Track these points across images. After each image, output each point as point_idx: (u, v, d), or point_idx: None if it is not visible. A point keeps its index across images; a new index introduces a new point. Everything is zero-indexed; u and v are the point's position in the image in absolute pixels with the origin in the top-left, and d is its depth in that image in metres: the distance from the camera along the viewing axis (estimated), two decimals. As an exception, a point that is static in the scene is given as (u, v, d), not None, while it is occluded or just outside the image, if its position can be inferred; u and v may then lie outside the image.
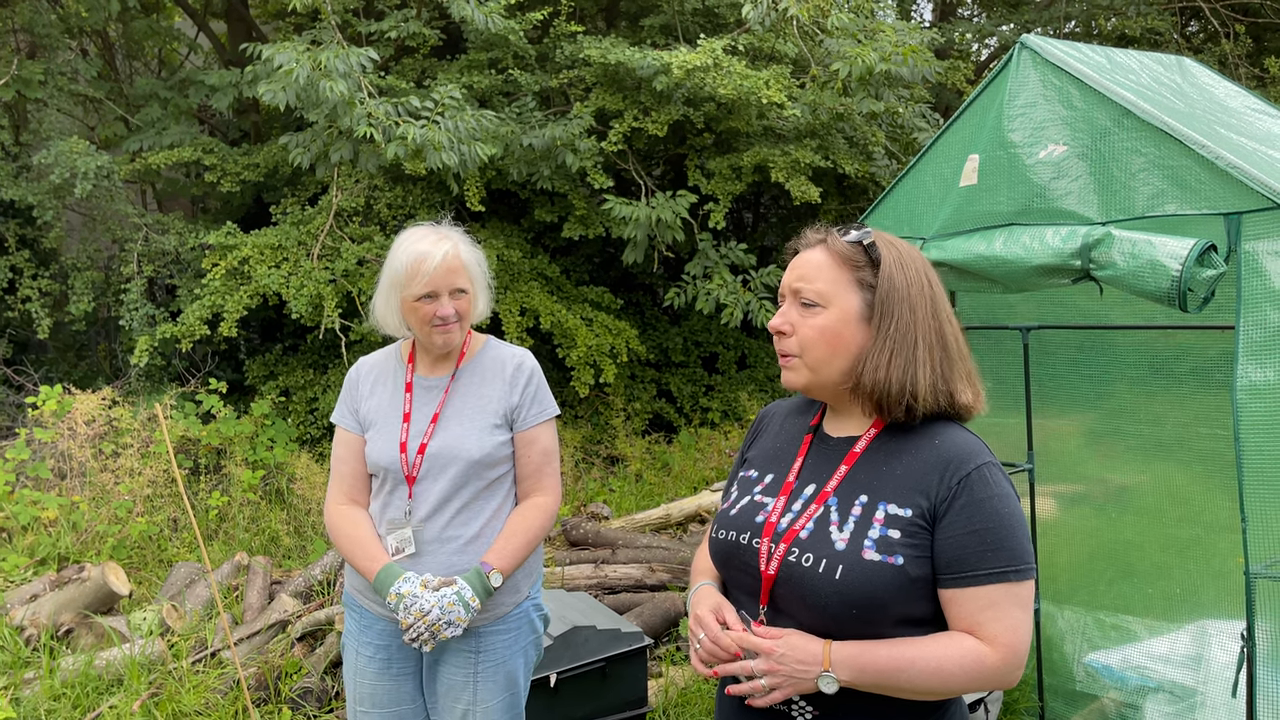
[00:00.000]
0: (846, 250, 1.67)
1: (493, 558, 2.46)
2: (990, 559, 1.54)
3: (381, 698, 2.57)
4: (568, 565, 5.40)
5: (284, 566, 5.88)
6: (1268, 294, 2.62)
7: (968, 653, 1.52)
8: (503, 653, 2.54)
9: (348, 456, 2.61)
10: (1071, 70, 3.09)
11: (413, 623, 2.34)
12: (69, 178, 7.21)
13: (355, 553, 2.50)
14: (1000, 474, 1.61)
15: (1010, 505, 1.58)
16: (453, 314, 2.49)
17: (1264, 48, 11.52)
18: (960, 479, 1.58)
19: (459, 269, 2.50)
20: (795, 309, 1.70)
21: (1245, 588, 2.70)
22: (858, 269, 1.66)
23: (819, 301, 1.67)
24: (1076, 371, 3.99)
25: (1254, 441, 2.63)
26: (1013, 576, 1.54)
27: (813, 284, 1.67)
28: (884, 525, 1.58)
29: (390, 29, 7.55)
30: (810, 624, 1.59)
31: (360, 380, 2.66)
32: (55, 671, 4.22)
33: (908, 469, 1.62)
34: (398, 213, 7.73)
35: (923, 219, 3.50)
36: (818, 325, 1.66)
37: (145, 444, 6.61)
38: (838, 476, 1.67)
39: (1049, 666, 3.97)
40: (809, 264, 1.70)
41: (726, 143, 8.28)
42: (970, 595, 1.54)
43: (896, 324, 1.63)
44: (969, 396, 1.68)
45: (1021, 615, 1.54)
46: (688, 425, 9.02)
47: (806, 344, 1.67)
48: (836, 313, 1.66)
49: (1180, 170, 2.80)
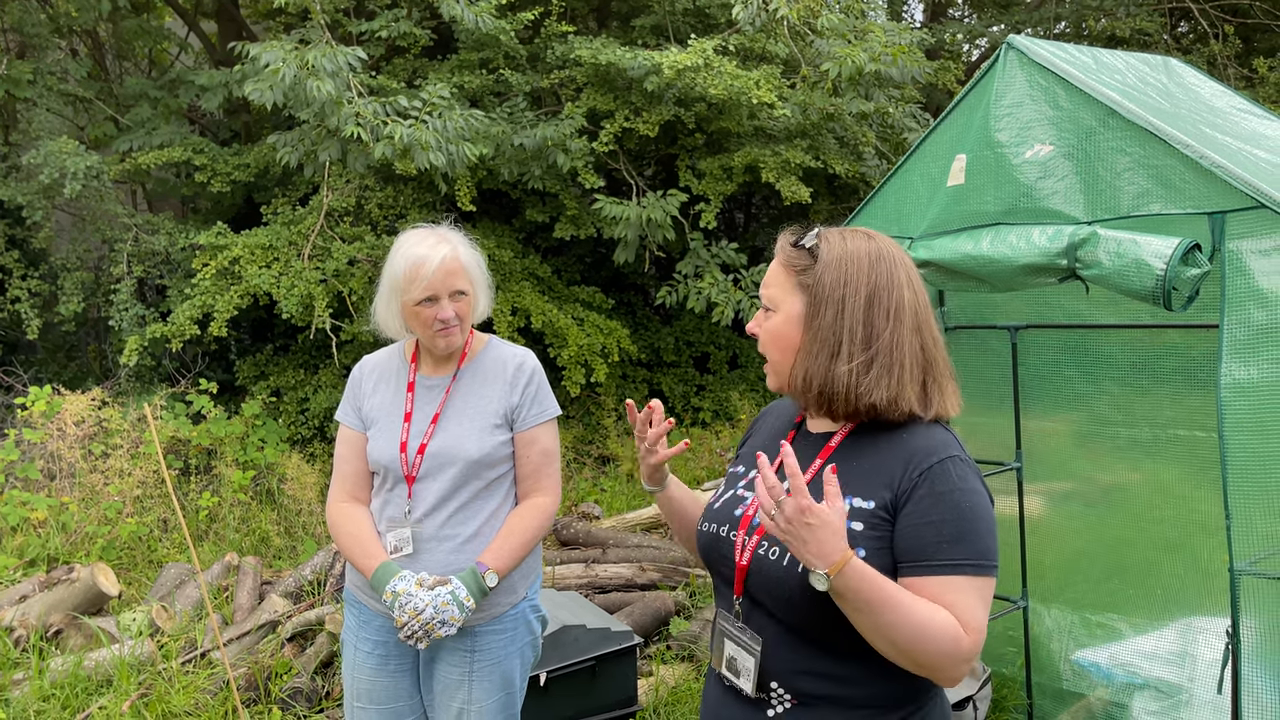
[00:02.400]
0: (789, 254, 1.71)
1: (488, 558, 2.47)
2: (947, 550, 1.54)
3: (378, 694, 2.57)
4: (558, 565, 5.40)
5: (274, 567, 5.87)
6: (1251, 293, 2.64)
7: (950, 626, 1.50)
8: (498, 653, 2.55)
9: (349, 455, 2.62)
10: (1058, 70, 3.10)
11: (407, 621, 2.35)
12: (58, 178, 7.19)
13: (354, 550, 2.52)
14: (968, 469, 1.60)
15: (973, 500, 1.57)
16: (453, 316, 2.50)
17: (1253, 48, 11.57)
18: (922, 471, 1.58)
19: (458, 271, 2.51)
20: (762, 313, 1.75)
21: (1230, 585, 2.72)
22: (799, 272, 1.69)
23: (770, 305, 1.72)
24: (1063, 371, 4.01)
25: (1238, 440, 2.65)
26: (969, 570, 1.53)
27: (768, 289, 1.73)
28: (848, 518, 1.59)
29: (381, 28, 7.54)
30: (780, 614, 1.61)
31: (363, 378, 2.67)
32: (44, 672, 4.21)
33: (874, 463, 1.63)
34: (389, 213, 7.72)
35: (910, 219, 3.51)
36: (769, 328, 1.72)
37: (135, 445, 6.59)
38: (811, 470, 1.69)
39: (1037, 664, 3.98)
40: (770, 270, 1.75)
41: (717, 143, 8.29)
42: (927, 584, 1.53)
43: (821, 323, 1.65)
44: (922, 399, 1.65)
45: (982, 608, 1.54)
46: (679, 425, 9.03)
47: (765, 347, 1.73)
48: (782, 316, 1.70)
49: (1165, 170, 2.81)
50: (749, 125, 8.09)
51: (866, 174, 8.39)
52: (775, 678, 1.64)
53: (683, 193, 7.52)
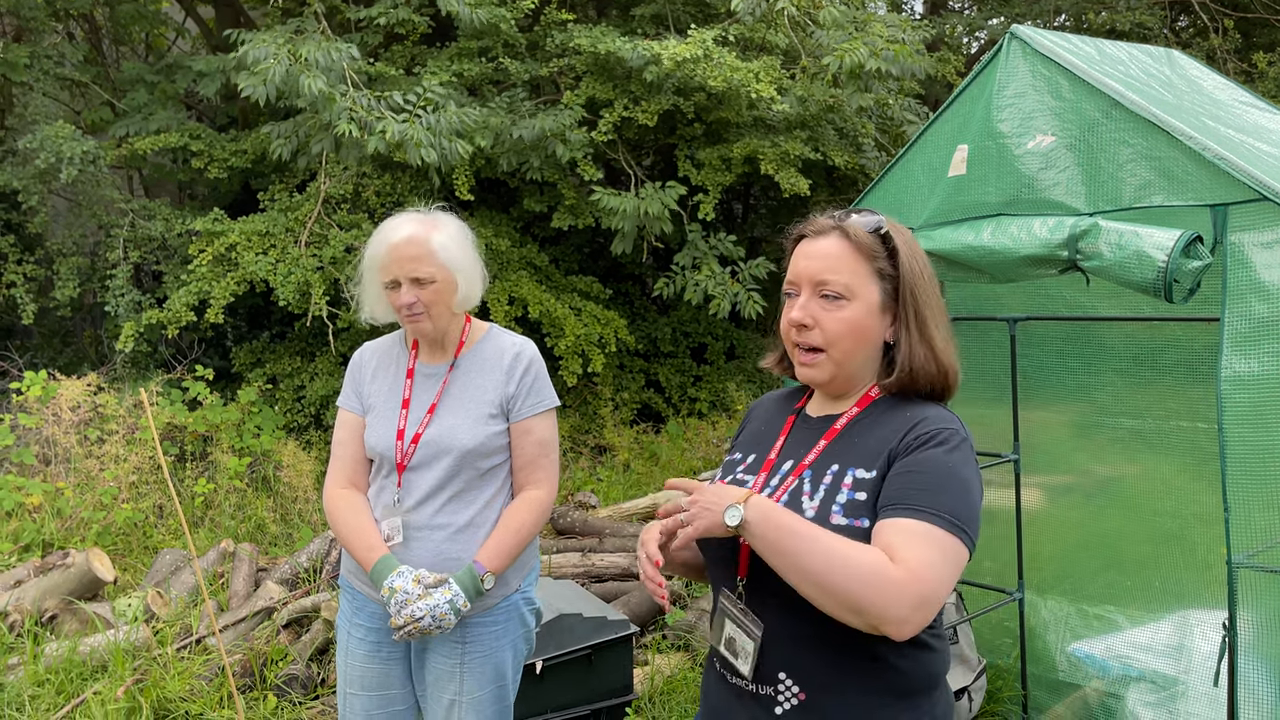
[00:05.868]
0: (868, 242, 1.66)
1: (485, 557, 2.45)
2: (917, 498, 1.52)
3: (370, 681, 2.56)
4: (555, 554, 5.40)
5: (270, 554, 5.87)
6: (1253, 285, 2.64)
7: (876, 559, 1.46)
8: (490, 644, 2.54)
9: (348, 439, 2.60)
10: (1061, 61, 3.09)
11: (403, 624, 2.35)
12: (55, 163, 7.16)
13: (353, 540, 2.49)
14: (964, 445, 1.60)
15: (959, 469, 1.56)
16: (416, 303, 2.45)
17: (1252, 43, 11.57)
18: (920, 434, 1.59)
19: (421, 257, 2.44)
20: (816, 302, 1.65)
21: (1227, 578, 2.72)
22: (876, 259, 1.66)
23: (845, 294, 1.64)
24: (1063, 363, 4.01)
25: (1237, 432, 2.65)
26: (935, 521, 1.49)
27: (839, 276, 1.64)
28: (851, 489, 1.59)
29: (379, 15, 7.50)
30: (786, 592, 1.58)
31: (364, 364, 2.65)
32: (39, 657, 4.20)
33: (879, 436, 1.63)
34: (386, 200, 7.70)
35: (911, 209, 3.51)
36: (845, 318, 1.64)
37: (131, 430, 6.58)
38: (815, 450, 1.68)
39: (1032, 655, 3.99)
40: (829, 255, 1.65)
41: (716, 133, 8.27)
42: (889, 524, 1.51)
43: (918, 311, 1.66)
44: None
45: (936, 555, 1.47)
46: (676, 415, 9.03)
47: (834, 338, 1.64)
48: (862, 305, 1.64)
49: (1167, 162, 2.81)
50: (748, 116, 8.07)
51: (866, 166, 8.37)
52: (781, 666, 1.62)
53: (681, 184, 7.51)
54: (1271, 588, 2.70)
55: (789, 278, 1.70)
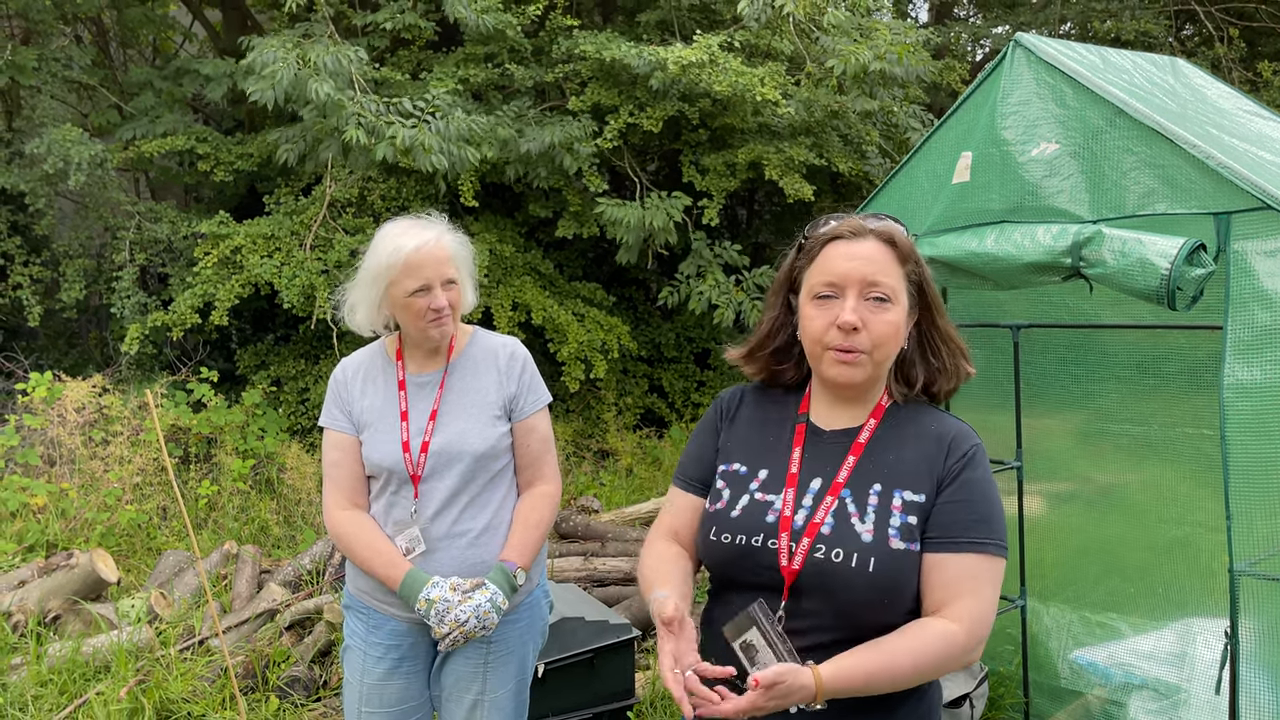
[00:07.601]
0: (908, 247, 1.69)
1: (514, 555, 2.46)
2: (975, 529, 1.62)
3: (390, 697, 2.54)
4: (558, 558, 5.41)
5: (273, 556, 5.88)
6: (1256, 294, 2.64)
7: (938, 638, 1.56)
8: (514, 642, 2.55)
9: (343, 459, 2.52)
10: (1065, 69, 3.10)
11: (448, 632, 2.35)
12: (63, 166, 7.18)
13: (373, 561, 2.43)
14: (985, 456, 1.72)
15: (995, 490, 1.69)
16: (446, 305, 2.44)
17: (1257, 52, 11.56)
18: (961, 455, 1.66)
19: (446, 259, 2.46)
20: (862, 304, 1.63)
21: (1230, 585, 2.72)
22: (907, 263, 1.69)
23: (890, 297, 1.64)
24: (1066, 370, 4.01)
25: (1240, 441, 2.65)
26: (992, 550, 1.63)
27: (887, 278, 1.64)
28: (903, 512, 1.62)
29: (386, 20, 7.53)
30: (832, 615, 1.60)
31: (349, 381, 2.57)
32: (42, 658, 4.21)
33: (915, 454, 1.66)
34: (391, 204, 7.71)
35: (915, 215, 3.51)
36: (892, 321, 1.64)
37: (135, 432, 6.59)
38: (847, 468, 1.68)
39: (1034, 663, 3.99)
40: (873, 258, 1.64)
41: (721, 139, 8.28)
42: (955, 561, 1.60)
43: (937, 314, 1.72)
44: None
45: (992, 595, 1.62)
46: (679, 420, 9.03)
47: (880, 340, 1.64)
48: (900, 309, 1.67)
49: (1171, 170, 2.81)
50: (753, 122, 8.08)
51: (870, 172, 8.38)
52: None
53: (686, 192, 7.51)
54: (1273, 596, 2.70)
55: (827, 279, 1.65)
